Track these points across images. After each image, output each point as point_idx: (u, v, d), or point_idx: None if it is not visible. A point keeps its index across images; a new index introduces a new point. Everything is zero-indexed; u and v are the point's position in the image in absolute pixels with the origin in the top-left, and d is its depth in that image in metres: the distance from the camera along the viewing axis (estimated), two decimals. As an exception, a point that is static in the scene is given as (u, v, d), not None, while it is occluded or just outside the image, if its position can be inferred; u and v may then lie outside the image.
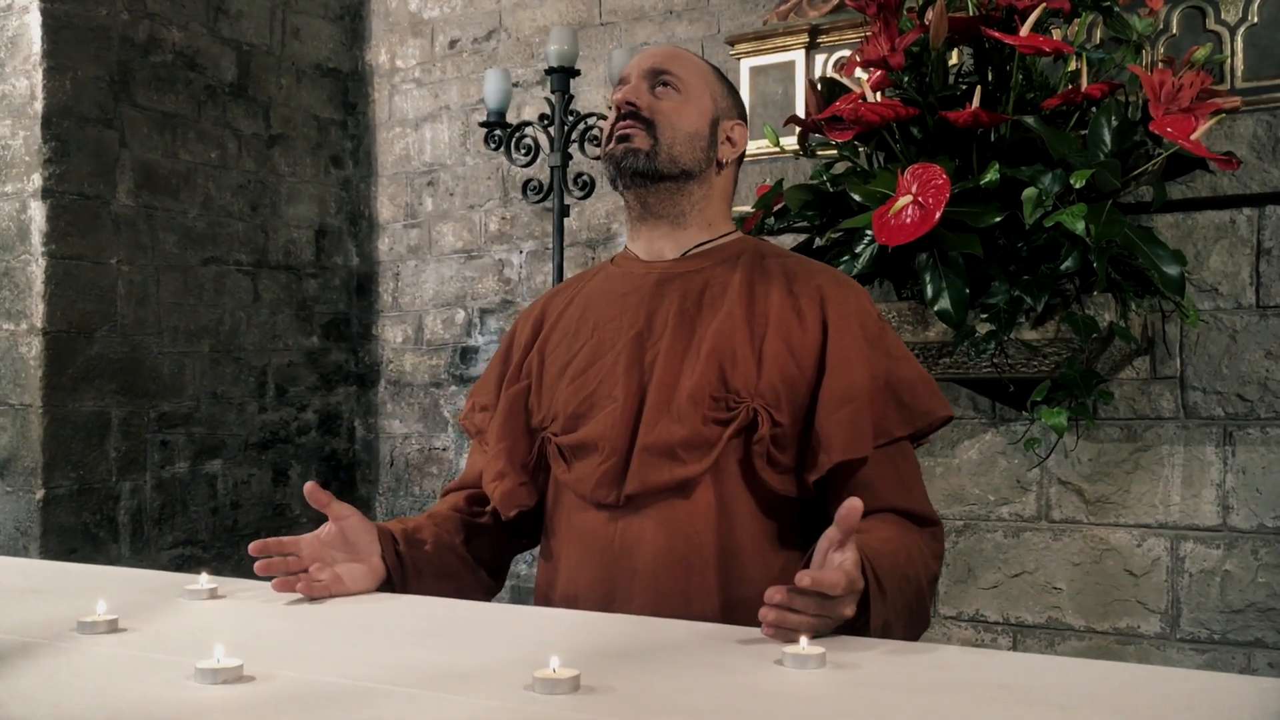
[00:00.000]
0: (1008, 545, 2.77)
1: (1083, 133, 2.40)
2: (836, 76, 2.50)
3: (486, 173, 5.16)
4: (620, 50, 3.44)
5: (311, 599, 1.44)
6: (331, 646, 1.22)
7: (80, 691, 1.06)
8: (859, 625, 1.27)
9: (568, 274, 4.76)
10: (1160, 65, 2.42)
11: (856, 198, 2.38)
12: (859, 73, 2.57)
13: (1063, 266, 2.22)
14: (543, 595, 1.62)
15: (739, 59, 3.29)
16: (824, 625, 1.20)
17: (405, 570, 1.55)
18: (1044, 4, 2.25)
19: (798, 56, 3.17)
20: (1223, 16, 2.70)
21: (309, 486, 1.48)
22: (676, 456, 1.47)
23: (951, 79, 2.49)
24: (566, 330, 1.65)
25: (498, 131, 3.49)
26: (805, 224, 2.65)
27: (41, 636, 1.25)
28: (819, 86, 2.60)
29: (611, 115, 1.62)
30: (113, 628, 1.28)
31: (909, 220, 2.23)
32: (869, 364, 1.50)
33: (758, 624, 1.26)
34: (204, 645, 1.18)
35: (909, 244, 2.25)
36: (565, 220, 4.93)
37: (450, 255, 5.25)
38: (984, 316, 2.25)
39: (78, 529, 4.24)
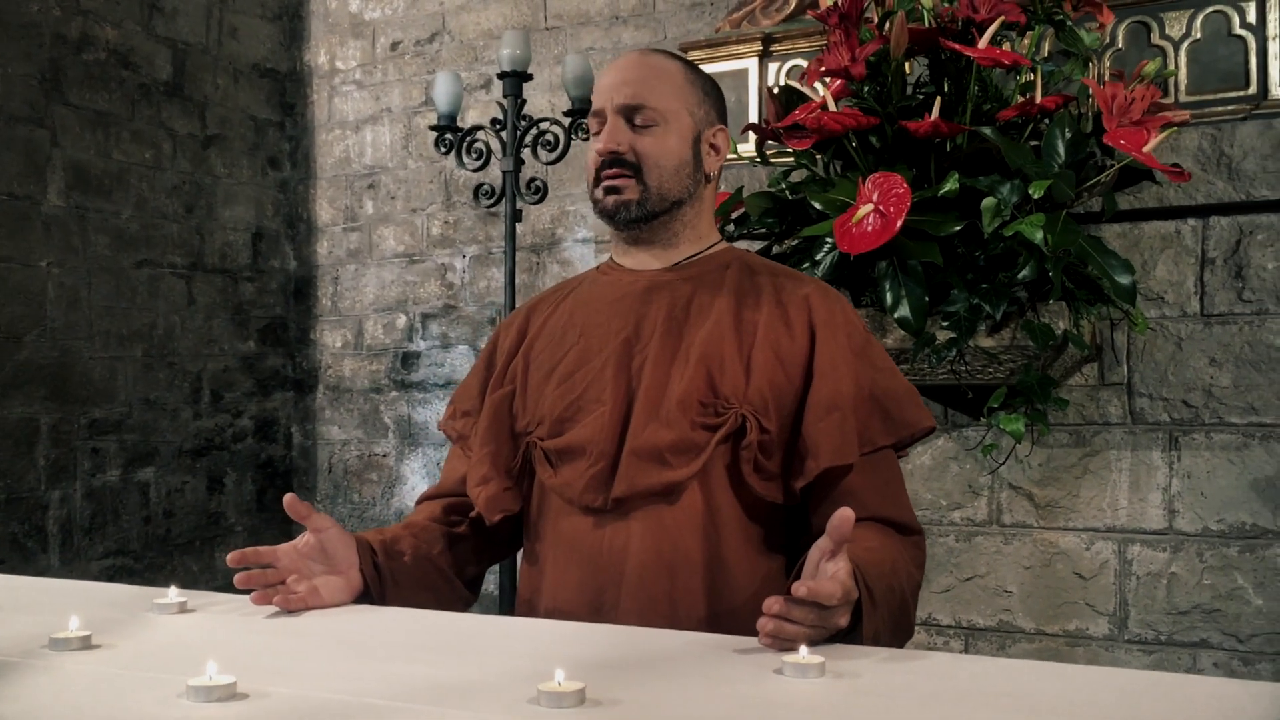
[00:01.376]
0: (960, 549, 2.80)
1: (1034, 143, 2.45)
2: (797, 85, 2.52)
3: (429, 176, 5.11)
4: (574, 56, 3.42)
5: (289, 612, 1.41)
6: (324, 661, 1.19)
7: (68, 712, 1.02)
8: (848, 634, 1.27)
9: (519, 279, 4.74)
10: (1110, 79, 2.47)
11: (817, 205, 2.40)
12: (817, 82, 2.59)
13: (1020, 275, 2.26)
14: (527, 600, 1.61)
15: (691, 66, 3.29)
16: (820, 635, 1.20)
17: (383, 582, 1.52)
18: (1002, 17, 2.29)
19: (750, 64, 3.19)
20: (1167, 32, 2.76)
21: (288, 498, 1.45)
22: (665, 460, 1.47)
23: (909, 89, 2.52)
24: (552, 335, 1.64)
25: (448, 135, 3.46)
26: (764, 231, 2.66)
27: (13, 654, 1.20)
28: (777, 94, 2.61)
29: (592, 154, 1.59)
30: (86, 644, 1.24)
31: (870, 229, 2.25)
32: (854, 373, 1.51)
33: (744, 630, 1.26)
34: (187, 661, 1.16)
35: (869, 252, 2.27)
36: (509, 226, 4.92)
37: (391, 259, 5.19)
38: (945, 324, 2.28)
39: (4, 539, 4.12)
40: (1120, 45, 2.80)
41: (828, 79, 2.39)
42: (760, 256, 1.71)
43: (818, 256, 2.42)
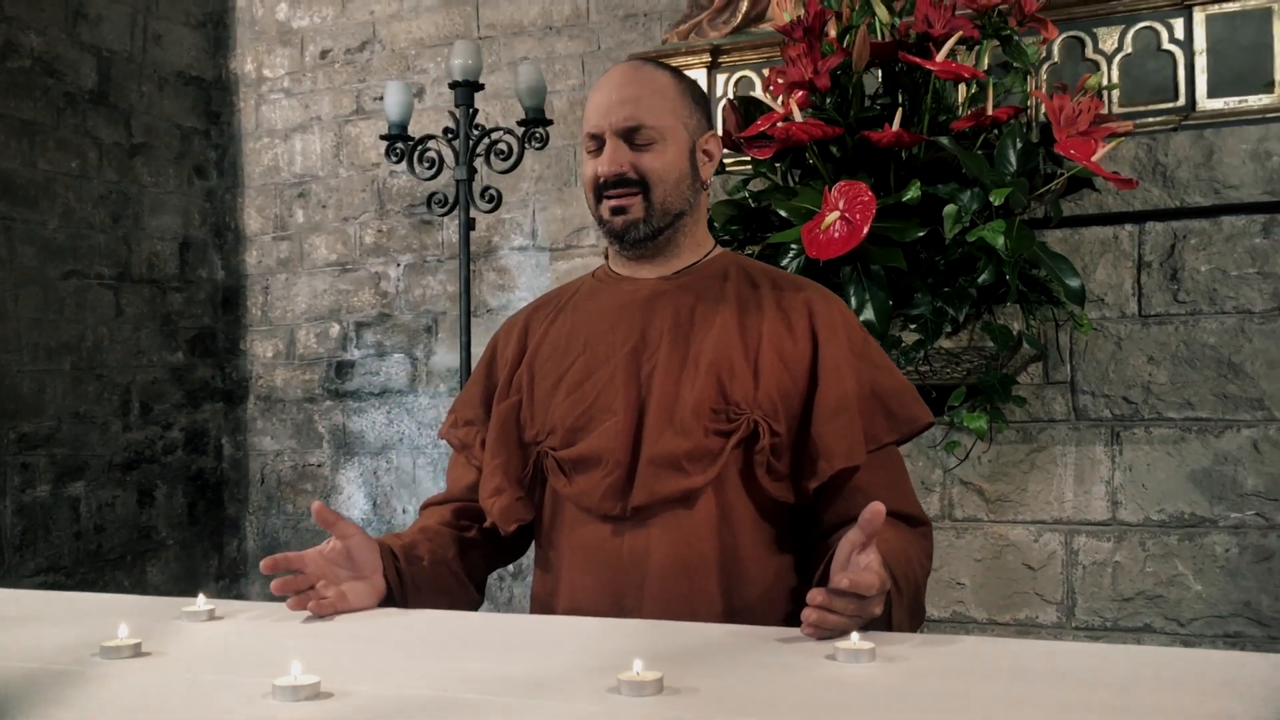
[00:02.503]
0: (914, 544, 2.91)
1: (979, 152, 2.56)
2: (760, 97, 2.59)
3: (361, 184, 5.10)
4: (527, 66, 3.46)
5: (320, 616, 1.43)
6: (392, 660, 1.22)
7: (163, 715, 1.04)
8: (873, 623, 1.34)
9: (455, 287, 4.76)
10: (1055, 91, 2.59)
11: (782, 213, 2.48)
12: (782, 93, 2.67)
13: (980, 280, 2.36)
14: (542, 605, 1.64)
15: (641, 76, 3.35)
16: (858, 624, 1.26)
17: (405, 587, 1.55)
18: (959, 32, 2.40)
19: (700, 75, 3.26)
20: (1100, 46, 2.90)
21: (317, 506, 1.47)
22: (681, 468, 1.51)
23: (866, 101, 2.61)
24: (556, 345, 1.67)
25: (399, 145, 3.47)
26: (728, 238, 2.73)
27: (68, 663, 1.21)
28: (737, 105, 2.69)
29: (589, 174, 1.62)
30: (138, 651, 1.25)
31: (837, 235, 2.33)
32: (856, 373, 1.57)
33: (760, 625, 1.33)
34: (245, 664, 1.19)
35: (835, 258, 2.36)
36: (445, 233, 4.93)
37: (323, 268, 5.16)
38: (912, 327, 2.37)
39: (-66, 559, 4.01)
40: (1056, 59, 2.93)
41: (794, 90, 2.47)
42: (755, 260, 1.76)
43: (783, 262, 2.49)
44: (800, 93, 2.49)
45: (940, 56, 2.41)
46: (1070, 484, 2.80)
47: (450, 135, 3.45)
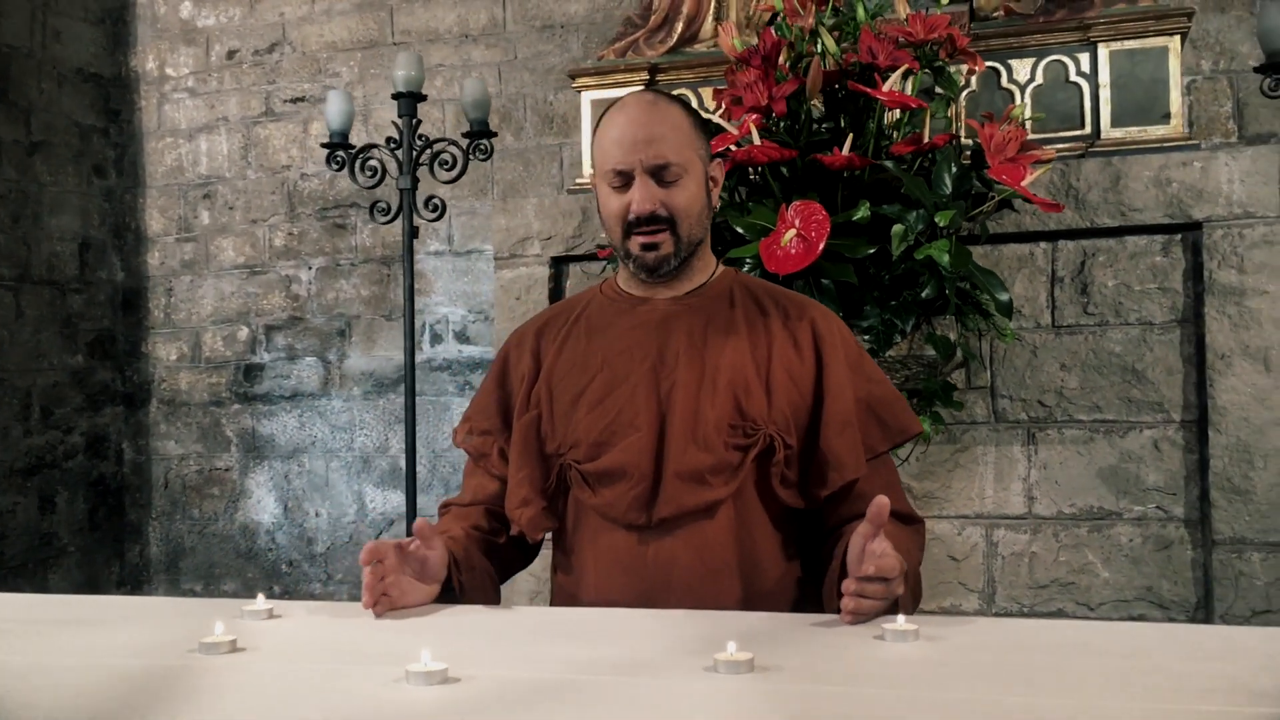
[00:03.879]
0: (847, 539, 3.10)
1: (903, 169, 2.75)
2: (720, 122, 2.74)
3: (270, 187, 5.07)
4: (473, 80, 3.54)
5: (375, 615, 1.52)
6: (508, 648, 1.33)
7: (300, 701, 1.13)
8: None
9: (367, 291, 4.79)
10: (984, 119, 2.81)
11: (738, 229, 2.63)
12: (715, 116, 2.83)
13: (924, 294, 2.56)
14: (570, 604, 1.75)
15: (580, 91, 3.47)
16: (887, 605, 1.42)
17: (458, 591, 1.65)
18: (905, 65, 2.59)
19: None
20: (1014, 76, 3.15)
21: (419, 523, 1.56)
22: (705, 481, 1.64)
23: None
24: (574, 361, 1.77)
25: (340, 153, 3.51)
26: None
27: (174, 660, 1.29)
28: (690, 126, 2.83)
29: (615, 208, 1.71)
30: (234, 647, 1.33)
31: (794, 251, 2.50)
32: (853, 387, 1.72)
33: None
34: (346, 655, 1.28)
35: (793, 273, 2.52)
36: (358, 237, 4.95)
37: (231, 270, 5.12)
38: (866, 337, 2.55)
39: None
40: (974, 88, 3.16)
41: (751, 114, 2.62)
42: (753, 278, 1.89)
43: (739, 276, 2.65)
44: (756, 116, 2.64)
45: (887, 87, 2.59)
46: (990, 481, 3.03)
47: (393, 145, 3.50)
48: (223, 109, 5.14)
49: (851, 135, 2.61)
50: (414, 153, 3.45)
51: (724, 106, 2.80)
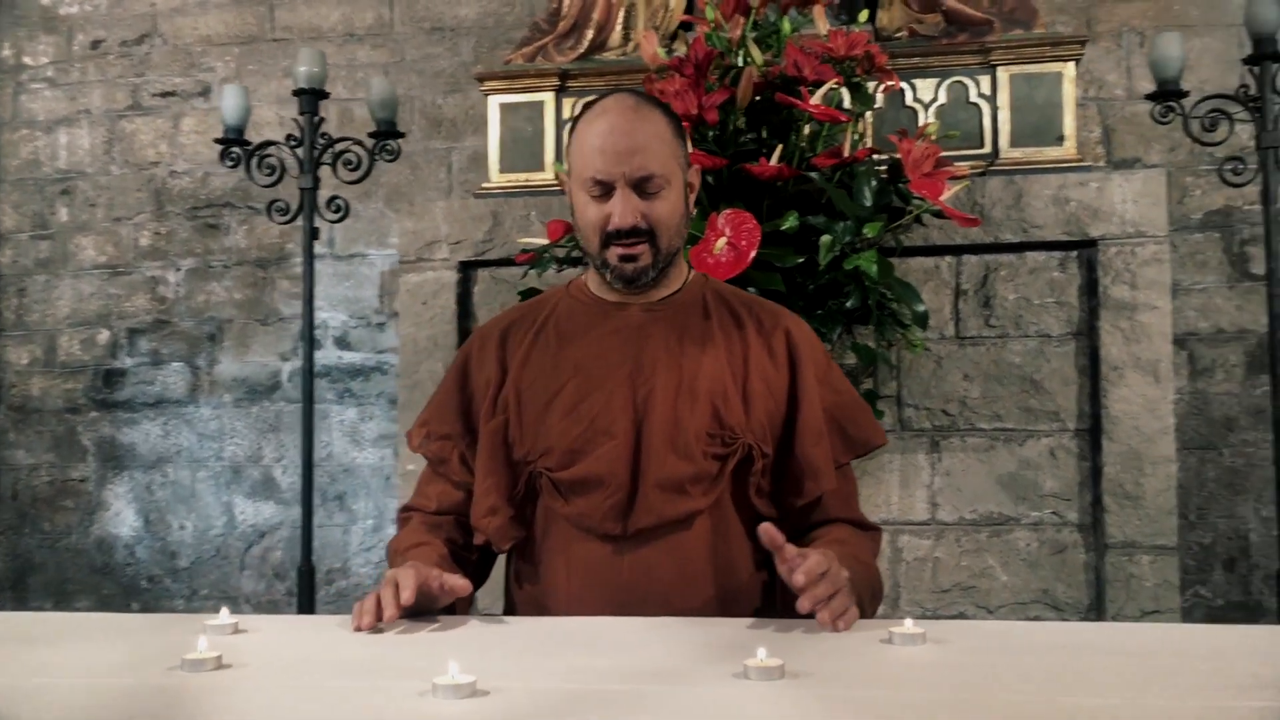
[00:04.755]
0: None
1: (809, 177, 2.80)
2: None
3: (136, 184, 4.85)
4: (380, 80, 3.45)
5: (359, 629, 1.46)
6: (536, 659, 1.30)
7: (327, 714, 1.07)
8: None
9: (241, 295, 4.62)
10: (898, 135, 2.88)
11: (666, 237, 2.63)
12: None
13: (849, 304, 2.60)
14: (538, 613, 1.70)
15: (488, 95, 3.43)
16: (851, 595, 1.45)
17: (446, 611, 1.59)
18: (835, 80, 2.63)
19: (547, 98, 3.37)
20: (919, 95, 3.24)
21: (461, 584, 1.52)
22: (685, 491, 1.62)
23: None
24: (544, 366, 1.72)
25: (236, 149, 3.37)
26: (579, 256, 2.85)
27: (159, 677, 1.21)
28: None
29: (594, 218, 1.66)
30: (220, 664, 1.26)
31: (725, 260, 2.51)
32: (821, 399, 1.73)
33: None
34: (349, 670, 1.23)
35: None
36: (232, 238, 4.77)
37: (91, 271, 4.87)
38: (797, 346, 2.58)
39: None
40: (880, 104, 3.24)
41: (688, 123, 2.62)
42: (726, 286, 1.87)
43: (666, 283, 2.65)
44: (685, 124, 2.65)
45: (815, 99, 2.64)
46: (896, 488, 3.10)
47: (293, 143, 3.38)
48: (85, 101, 4.89)
49: (781, 147, 2.64)
50: (315, 151, 3.34)
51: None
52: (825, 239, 2.58)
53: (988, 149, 3.21)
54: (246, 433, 4.72)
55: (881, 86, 2.98)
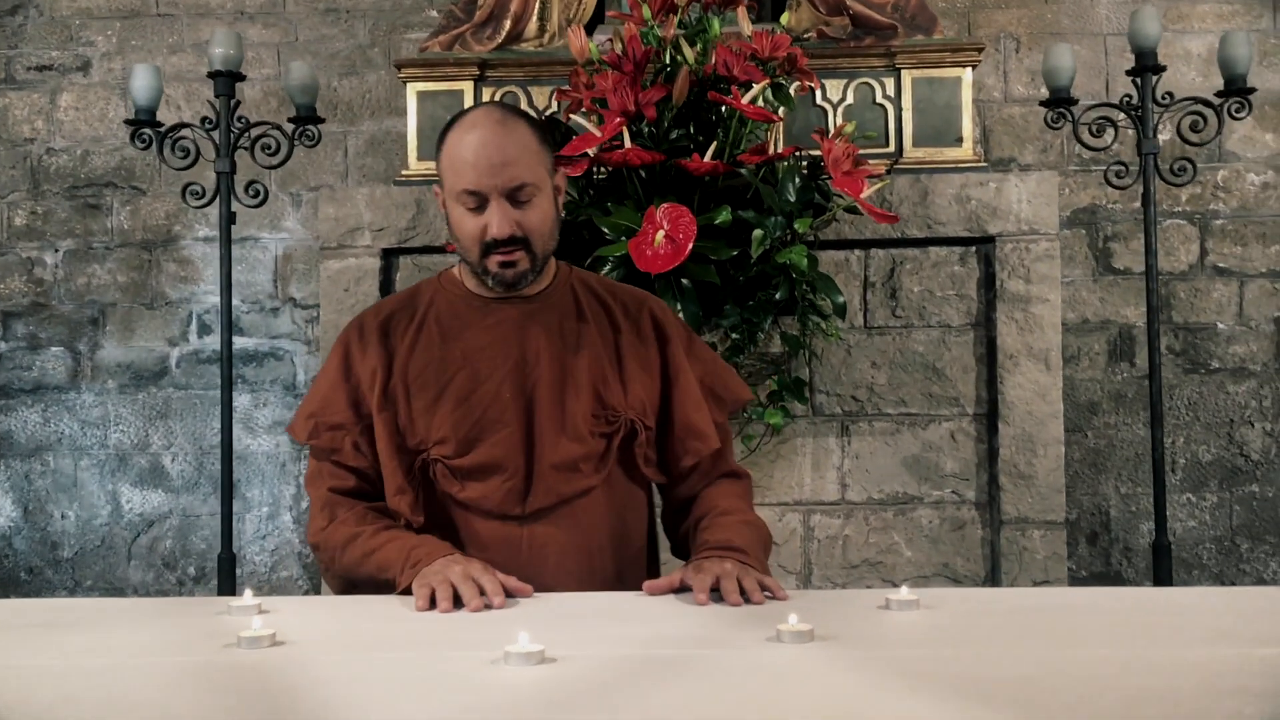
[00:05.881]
0: (676, 527, 3.24)
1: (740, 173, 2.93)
2: (584, 122, 2.80)
3: (10, 161, 4.66)
4: (299, 63, 3.40)
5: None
6: (591, 628, 1.39)
7: (403, 684, 1.13)
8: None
9: (125, 278, 4.50)
10: (816, 134, 3.02)
11: (604, 229, 2.71)
12: (577, 116, 2.90)
13: (778, 295, 2.73)
14: None
15: (406, 82, 3.44)
16: (749, 573, 1.60)
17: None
18: (766, 80, 2.75)
19: (467, 88, 3.40)
20: (829, 95, 3.39)
21: (522, 587, 1.60)
22: (578, 469, 1.77)
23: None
24: (429, 359, 1.80)
25: (147, 131, 3.29)
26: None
27: (211, 654, 1.25)
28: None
29: (471, 229, 1.73)
30: (274, 641, 1.30)
31: (664, 252, 2.61)
32: (692, 368, 1.89)
33: (640, 579, 1.72)
34: (385, 646, 1.29)
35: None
36: (114, 219, 4.64)
37: (-40, 251, 4.65)
38: (735, 335, 2.70)
39: None
40: (794, 106, 3.38)
41: (616, 118, 2.71)
42: (588, 273, 1.98)
43: (604, 272, 2.73)
44: (620, 119, 2.73)
45: (747, 100, 2.75)
46: (808, 470, 3.25)
47: (209, 125, 3.33)
48: (-48, 73, 4.67)
49: (716, 144, 2.75)
50: (232, 135, 3.30)
51: (582, 107, 2.87)
52: (757, 233, 2.70)
53: (892, 148, 3.38)
54: (133, 420, 4.60)
55: (799, 87, 3.11)
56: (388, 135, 4.57)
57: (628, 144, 2.71)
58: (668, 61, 2.89)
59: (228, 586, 3.35)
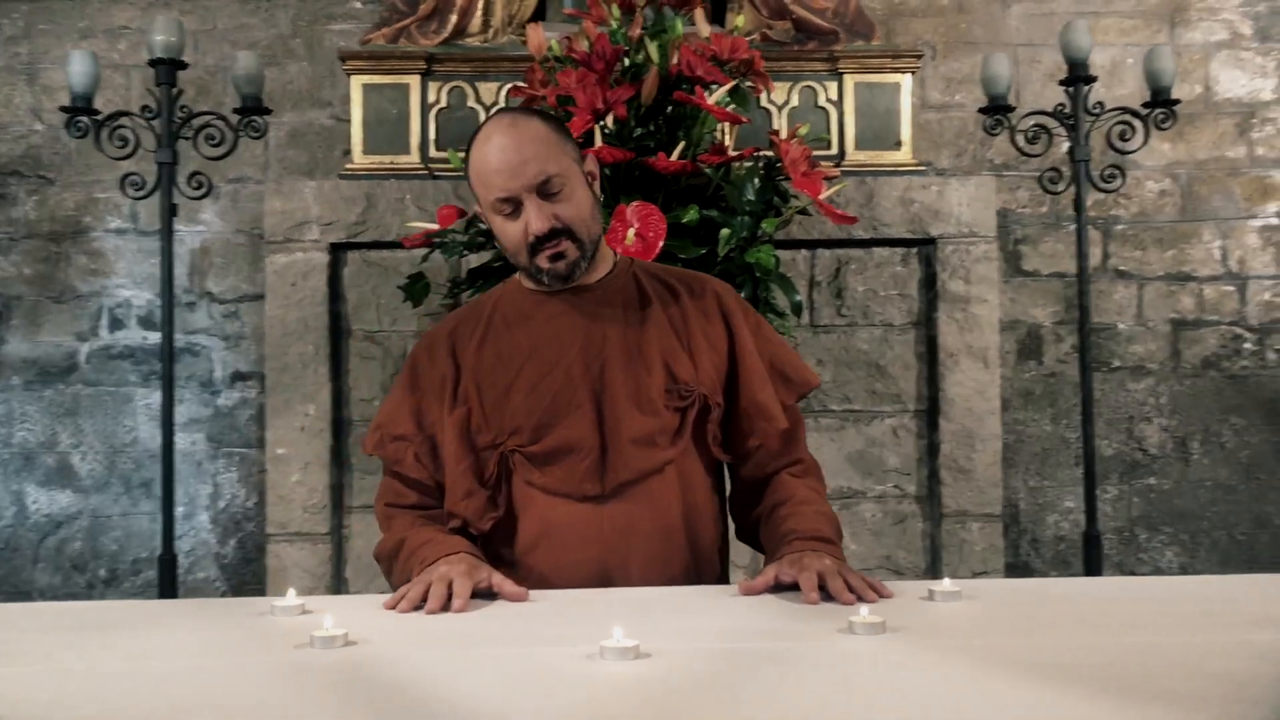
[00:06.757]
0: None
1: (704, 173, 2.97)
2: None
3: (-94, 147, 4.43)
4: (245, 54, 3.30)
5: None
6: (677, 622, 1.40)
7: (518, 677, 1.14)
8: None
9: (31, 270, 4.32)
10: (776, 136, 3.07)
11: (572, 226, 2.72)
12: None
13: (742, 294, 2.77)
14: (533, 581, 1.77)
15: (350, 74, 3.38)
16: (835, 565, 1.60)
17: None
18: (733, 82, 2.79)
19: (413, 81, 3.37)
20: (773, 97, 3.46)
21: (518, 592, 1.59)
22: (654, 443, 1.77)
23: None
24: (497, 354, 1.82)
25: (83, 119, 3.16)
26: (483, 242, 2.90)
27: (283, 655, 1.23)
28: (508, 121, 2.87)
29: (516, 235, 1.74)
30: (347, 641, 1.29)
31: (635, 250, 2.63)
32: (758, 348, 1.90)
33: (713, 568, 1.80)
34: (465, 642, 1.29)
35: (629, 269, 2.65)
36: (21, 209, 4.45)
37: None
38: (705, 333, 2.73)
39: None
40: (734, 105, 3.43)
41: (586, 116, 2.71)
42: (651, 263, 2.01)
43: (570, 271, 2.73)
44: (588, 117, 2.74)
45: (712, 100, 2.79)
46: (756, 466, 3.31)
47: (149, 114, 3.22)
48: None
49: (683, 144, 2.78)
50: (173, 124, 3.20)
51: (545, 103, 2.87)
52: (725, 232, 2.74)
53: (835, 150, 3.46)
54: (39, 417, 4.41)
55: (752, 89, 3.16)
56: (310, 127, 4.48)
57: (598, 142, 2.72)
58: (628, 62, 2.91)
59: (168, 588, 3.25)
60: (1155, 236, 4.69)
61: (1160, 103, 3.43)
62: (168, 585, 3.22)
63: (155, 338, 4.42)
